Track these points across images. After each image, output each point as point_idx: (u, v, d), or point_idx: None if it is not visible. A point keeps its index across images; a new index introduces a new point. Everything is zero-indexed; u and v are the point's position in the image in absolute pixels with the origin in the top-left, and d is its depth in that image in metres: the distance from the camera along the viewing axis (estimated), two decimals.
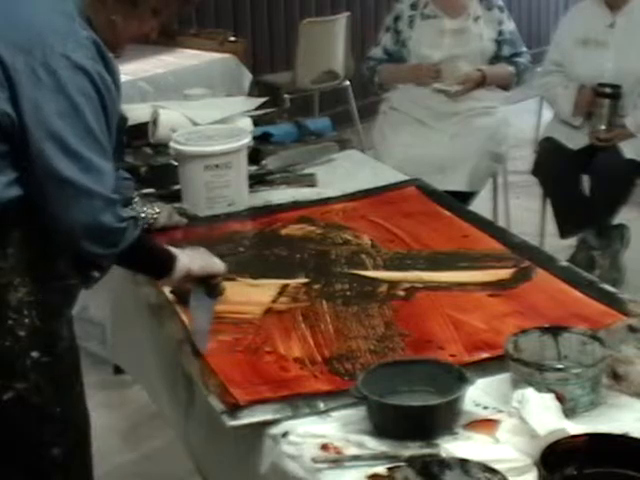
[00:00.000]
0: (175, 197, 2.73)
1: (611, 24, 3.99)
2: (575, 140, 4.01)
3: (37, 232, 1.82)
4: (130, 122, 2.26)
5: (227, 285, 2.28)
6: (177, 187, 2.75)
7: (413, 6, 4.03)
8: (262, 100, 3.46)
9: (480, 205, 3.75)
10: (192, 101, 3.38)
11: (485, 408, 1.72)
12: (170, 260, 2.00)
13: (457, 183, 3.81)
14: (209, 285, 2.06)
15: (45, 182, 1.77)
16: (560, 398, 1.63)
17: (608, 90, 3.91)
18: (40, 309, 1.83)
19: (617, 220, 4.07)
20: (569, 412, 1.64)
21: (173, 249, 2.04)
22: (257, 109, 3.36)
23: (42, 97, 1.73)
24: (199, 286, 2.06)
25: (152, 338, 2.33)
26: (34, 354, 1.83)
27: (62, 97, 1.74)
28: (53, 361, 1.86)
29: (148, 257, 2.00)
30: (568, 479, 1.47)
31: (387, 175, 3.03)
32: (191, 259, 2.04)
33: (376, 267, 2.36)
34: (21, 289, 1.81)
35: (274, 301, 2.20)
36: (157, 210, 2.58)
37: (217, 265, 2.09)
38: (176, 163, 2.78)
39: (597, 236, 4.01)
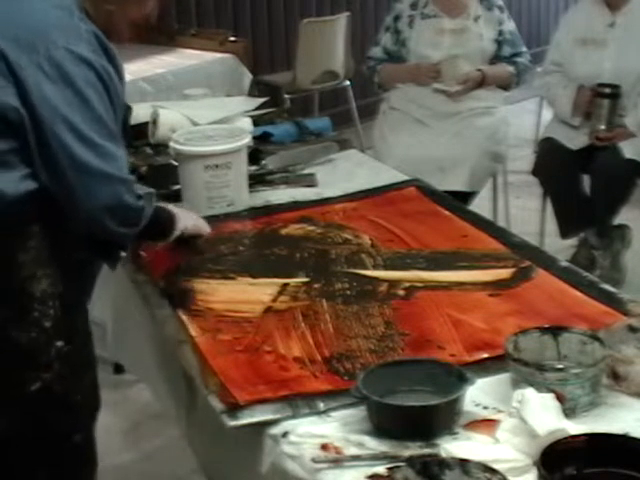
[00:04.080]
0: (175, 197, 2.73)
1: (611, 24, 3.99)
2: (575, 140, 4.01)
3: (55, 224, 1.86)
4: (130, 122, 2.27)
5: (227, 284, 2.28)
6: (177, 187, 2.75)
7: (413, 6, 4.03)
8: (262, 100, 3.46)
9: (480, 205, 3.76)
10: (192, 101, 3.38)
11: (485, 408, 1.72)
12: (171, 220, 2.12)
13: (457, 183, 3.81)
14: (192, 244, 2.19)
15: (65, 171, 1.81)
16: (560, 398, 1.63)
17: (608, 90, 3.91)
18: (62, 299, 1.88)
19: (618, 220, 4.07)
20: (569, 412, 1.64)
21: (170, 207, 2.15)
22: (257, 109, 3.35)
23: (50, 91, 1.78)
24: (185, 247, 2.19)
25: (152, 338, 2.33)
26: (59, 343, 1.88)
27: (70, 89, 1.79)
28: (74, 350, 1.92)
29: (155, 221, 2.05)
30: (568, 479, 1.47)
31: (387, 175, 3.03)
32: (184, 218, 2.16)
33: (376, 267, 2.36)
34: (44, 280, 1.85)
35: (274, 300, 2.19)
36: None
37: (204, 224, 2.25)
38: (176, 163, 2.78)
39: (598, 236, 4.01)
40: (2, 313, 1.83)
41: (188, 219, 2.19)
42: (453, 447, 1.59)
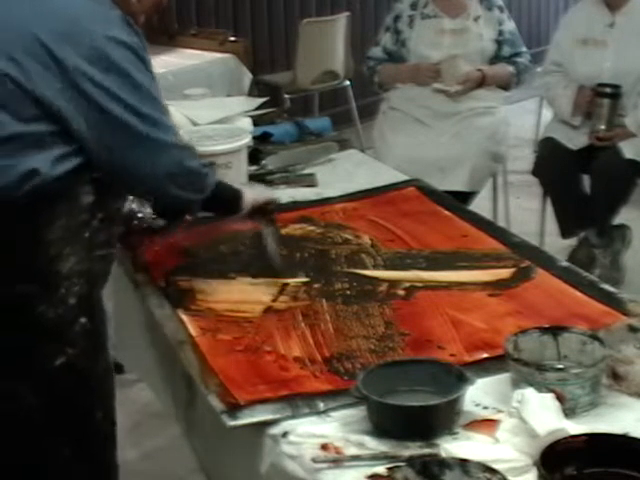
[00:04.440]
0: None
1: (610, 24, 3.99)
2: (575, 140, 4.02)
3: (81, 204, 1.91)
4: None
5: (227, 284, 2.29)
6: None
7: (413, 6, 4.03)
8: (262, 100, 3.46)
9: (480, 205, 3.76)
10: (192, 101, 3.38)
11: (485, 408, 1.72)
12: (237, 196, 2.27)
13: (457, 183, 3.81)
14: (266, 211, 2.36)
15: (125, 148, 1.91)
16: (560, 398, 1.63)
17: (608, 90, 3.91)
18: (87, 277, 1.94)
19: (617, 220, 4.07)
20: (569, 412, 1.64)
21: (235, 186, 2.30)
22: (257, 109, 3.35)
23: (98, 77, 1.85)
24: (260, 216, 2.35)
25: (152, 338, 2.33)
26: (82, 320, 1.94)
27: (116, 73, 1.87)
28: (95, 327, 1.98)
29: (221, 197, 2.20)
30: (568, 479, 1.47)
31: (387, 175, 3.03)
32: (250, 191, 2.33)
33: (376, 266, 2.36)
34: (71, 258, 1.90)
35: (274, 300, 2.20)
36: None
37: (269, 191, 2.51)
38: None
39: (598, 236, 4.02)
40: (30, 289, 1.87)
41: (254, 191, 2.37)
42: (453, 447, 1.59)
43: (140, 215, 2.47)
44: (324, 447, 1.63)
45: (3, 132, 1.84)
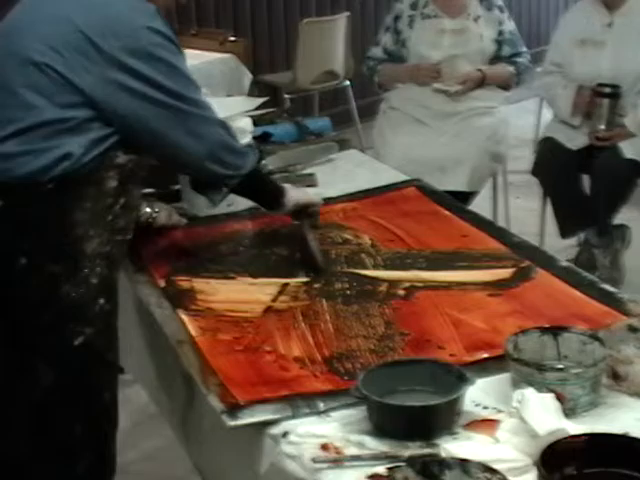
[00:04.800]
0: (175, 197, 2.73)
1: (609, 24, 3.99)
2: (575, 140, 4.01)
3: (107, 188, 2.00)
4: None
5: (227, 284, 2.29)
6: (177, 187, 2.75)
7: (413, 6, 4.03)
8: (262, 100, 3.45)
9: (480, 205, 3.75)
10: None
11: (485, 408, 1.72)
12: (279, 192, 2.36)
13: (457, 183, 3.81)
14: (309, 214, 2.46)
15: (168, 128, 2.02)
16: (560, 398, 1.63)
17: (607, 90, 3.91)
18: (107, 260, 2.03)
19: (617, 220, 4.07)
20: (569, 412, 1.64)
21: (280, 183, 2.42)
22: (257, 109, 3.35)
23: (140, 66, 1.96)
24: (302, 217, 2.44)
25: (152, 338, 2.33)
26: (101, 301, 2.03)
27: (156, 60, 1.98)
28: (112, 309, 2.08)
29: (262, 188, 2.32)
30: (568, 479, 1.47)
31: (387, 175, 3.03)
32: (295, 192, 2.42)
33: (376, 266, 2.36)
34: (95, 240, 1.99)
35: (274, 300, 2.20)
36: (156, 210, 2.58)
37: (313, 195, 2.57)
38: None
39: (598, 236, 4.01)
40: (57, 269, 1.95)
41: (299, 192, 2.46)
42: (453, 447, 1.59)
43: (139, 215, 2.47)
44: (324, 447, 1.63)
45: (40, 117, 1.93)
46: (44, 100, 1.93)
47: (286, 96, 5.57)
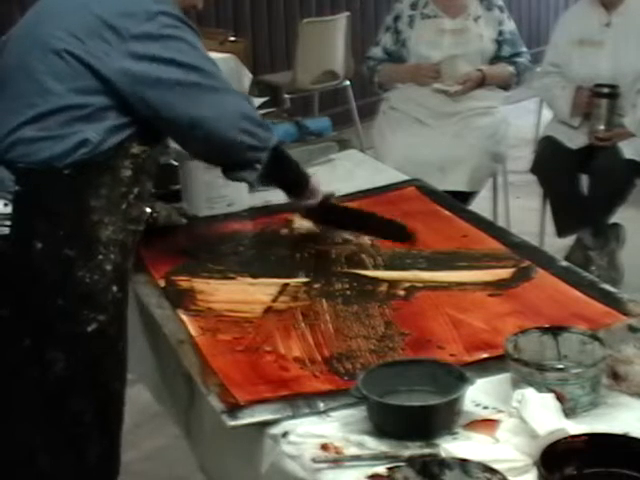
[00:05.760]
0: (175, 197, 2.73)
1: (607, 24, 3.99)
2: (575, 140, 4.02)
3: (122, 177, 2.02)
4: None
5: (227, 284, 2.29)
6: (177, 187, 2.75)
7: (413, 6, 4.04)
8: (262, 100, 3.46)
9: (480, 205, 3.76)
10: None
11: (485, 408, 1.72)
12: (304, 178, 2.38)
13: (457, 183, 3.81)
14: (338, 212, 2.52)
15: (190, 107, 2.05)
16: (560, 398, 1.63)
17: (606, 90, 3.91)
18: (120, 248, 2.04)
19: (613, 219, 4.07)
20: (569, 412, 1.64)
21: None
22: (257, 109, 3.35)
23: (157, 49, 2.00)
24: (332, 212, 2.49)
25: (152, 337, 2.33)
26: (114, 288, 2.04)
27: (175, 40, 2.03)
28: (123, 297, 2.09)
29: (289, 167, 2.32)
30: (568, 479, 1.47)
31: (387, 175, 3.03)
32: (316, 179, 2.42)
33: (376, 266, 2.36)
34: (110, 227, 2.01)
35: (274, 300, 2.20)
36: (157, 210, 2.58)
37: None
38: (176, 163, 2.78)
39: (593, 236, 4.01)
40: (73, 254, 1.96)
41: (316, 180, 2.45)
42: (453, 447, 1.59)
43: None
44: (324, 447, 1.63)
45: (57, 103, 1.96)
46: (61, 86, 1.96)
47: (286, 96, 5.57)
